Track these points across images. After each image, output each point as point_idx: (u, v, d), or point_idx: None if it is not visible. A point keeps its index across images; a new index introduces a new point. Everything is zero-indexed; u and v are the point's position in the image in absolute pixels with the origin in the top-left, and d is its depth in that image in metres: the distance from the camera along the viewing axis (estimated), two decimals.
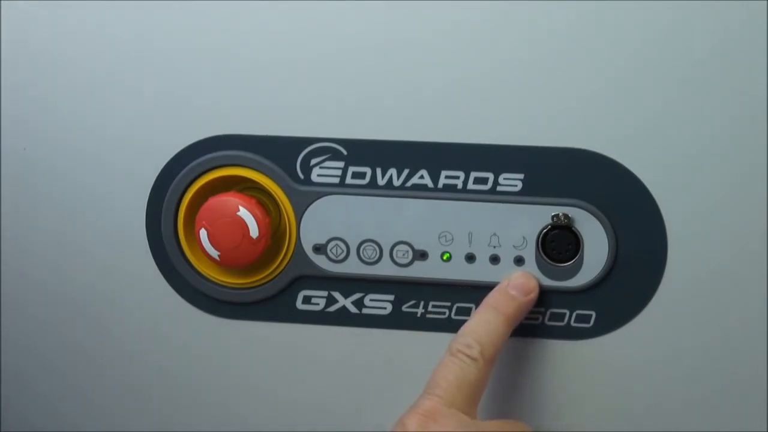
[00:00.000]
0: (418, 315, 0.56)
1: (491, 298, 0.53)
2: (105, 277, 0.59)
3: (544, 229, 0.54)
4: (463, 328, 0.52)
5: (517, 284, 0.53)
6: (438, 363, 0.51)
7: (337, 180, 0.55)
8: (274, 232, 0.56)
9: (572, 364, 0.55)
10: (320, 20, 0.53)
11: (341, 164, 0.54)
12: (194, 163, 0.56)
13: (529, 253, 0.54)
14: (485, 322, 0.51)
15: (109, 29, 0.55)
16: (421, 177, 0.54)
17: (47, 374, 0.62)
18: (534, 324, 0.55)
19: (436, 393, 0.49)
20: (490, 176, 0.53)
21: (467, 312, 0.55)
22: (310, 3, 0.52)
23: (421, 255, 0.55)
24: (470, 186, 0.54)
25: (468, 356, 0.50)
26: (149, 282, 0.58)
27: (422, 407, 0.48)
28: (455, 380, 0.49)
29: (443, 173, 0.54)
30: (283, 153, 0.55)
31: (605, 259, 0.53)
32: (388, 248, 0.55)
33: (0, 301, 0.61)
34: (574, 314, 0.55)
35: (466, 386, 0.49)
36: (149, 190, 0.57)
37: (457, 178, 0.54)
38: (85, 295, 0.60)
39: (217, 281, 0.58)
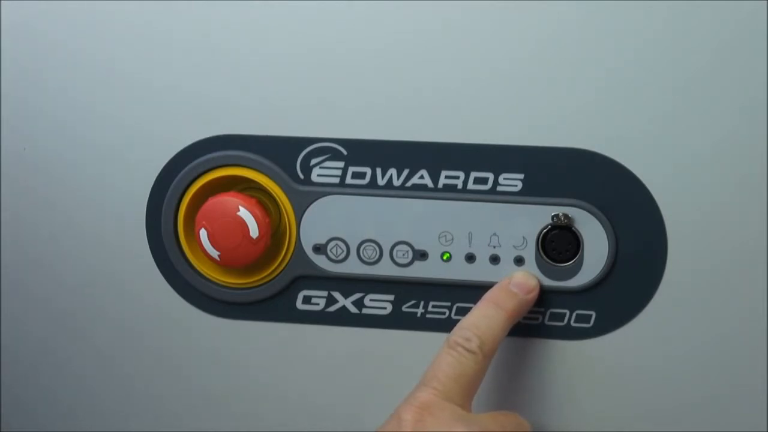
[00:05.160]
0: (418, 315, 0.56)
1: (492, 294, 0.53)
2: (105, 277, 0.59)
3: (544, 229, 0.54)
4: (462, 322, 0.52)
5: (518, 282, 0.53)
6: (436, 355, 0.51)
7: (337, 180, 0.55)
8: (274, 232, 0.56)
9: (572, 364, 0.55)
10: (321, 20, 0.53)
11: (341, 164, 0.54)
12: (194, 163, 0.56)
13: (529, 253, 0.54)
14: (485, 317, 0.52)
15: (108, 30, 0.55)
16: (421, 177, 0.54)
17: (47, 374, 0.62)
18: (534, 324, 0.55)
19: (433, 385, 0.49)
20: (490, 176, 0.53)
21: (467, 312, 0.55)
22: (310, 3, 0.52)
23: (421, 255, 0.55)
24: (470, 186, 0.54)
25: (466, 349, 0.50)
26: (149, 282, 0.58)
27: (418, 399, 0.48)
28: (452, 373, 0.49)
29: (443, 173, 0.54)
30: (283, 153, 0.55)
31: (605, 259, 0.53)
32: (388, 248, 0.55)
33: (0, 302, 0.61)
34: (574, 314, 0.55)
35: (462, 379, 0.49)
36: (149, 190, 0.57)
37: (457, 178, 0.54)
38: (85, 295, 0.60)
39: (217, 281, 0.58)
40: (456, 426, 0.47)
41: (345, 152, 0.54)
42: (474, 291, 0.55)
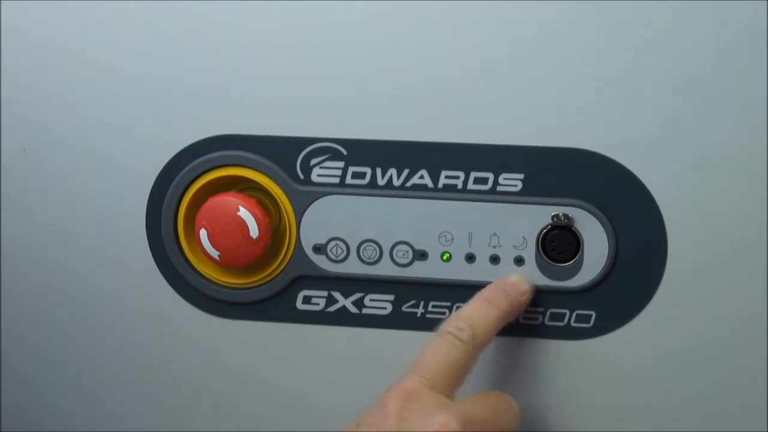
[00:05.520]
0: (418, 315, 0.56)
1: (486, 291, 0.53)
2: (105, 277, 0.59)
3: (544, 229, 0.54)
4: (456, 313, 0.52)
5: (512, 282, 0.54)
6: (426, 342, 0.50)
7: (337, 180, 0.55)
8: (274, 232, 0.56)
9: (572, 364, 0.55)
10: (320, 20, 0.53)
11: (341, 164, 0.54)
12: (194, 163, 0.56)
13: (529, 253, 0.54)
14: (478, 310, 0.52)
15: (108, 30, 0.55)
16: (421, 177, 0.54)
17: (47, 374, 0.62)
18: (534, 324, 0.55)
19: (420, 373, 0.49)
20: (490, 176, 0.53)
21: None
22: (310, 3, 0.52)
23: (421, 255, 0.55)
24: (470, 186, 0.54)
25: (457, 338, 0.50)
26: (149, 282, 0.58)
27: (404, 386, 0.48)
28: (441, 361, 0.49)
29: (443, 173, 0.54)
30: (283, 153, 0.55)
31: (605, 259, 0.53)
32: (388, 248, 0.55)
33: (0, 301, 0.61)
34: (574, 314, 0.55)
35: (451, 367, 0.49)
36: (149, 190, 0.57)
37: (457, 178, 0.54)
38: (85, 296, 0.60)
39: (217, 281, 0.58)
40: (440, 413, 0.47)
41: (345, 152, 0.54)
42: (474, 291, 0.54)
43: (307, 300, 0.57)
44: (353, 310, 0.57)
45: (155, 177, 0.57)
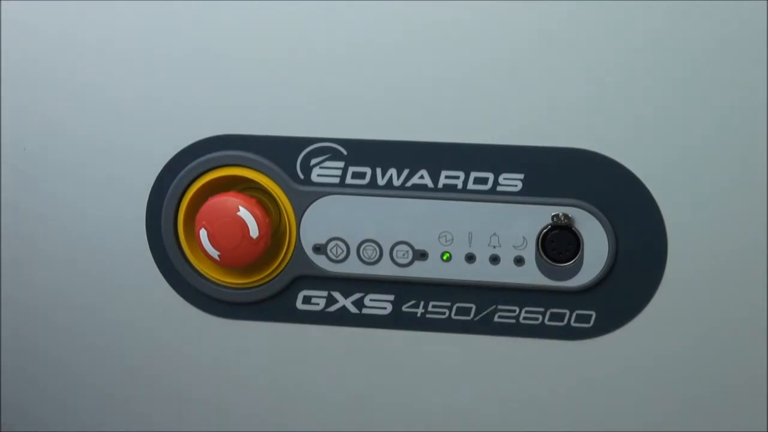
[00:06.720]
0: (418, 315, 0.56)
1: None
2: (105, 277, 0.59)
3: (544, 229, 0.54)
4: None
5: None
6: None
7: (337, 180, 0.55)
8: (274, 232, 0.56)
9: (572, 364, 0.55)
10: (320, 20, 0.53)
11: (341, 164, 0.55)
12: (194, 163, 0.56)
13: (529, 253, 0.54)
14: None
15: (108, 29, 0.55)
16: (421, 177, 0.54)
17: (47, 374, 0.62)
18: (534, 324, 0.55)
19: None
20: (490, 176, 0.53)
21: (467, 312, 0.55)
22: (309, 3, 0.52)
23: (421, 255, 0.55)
24: (470, 186, 0.54)
25: None
26: (149, 282, 0.58)
27: None
28: None
29: (443, 173, 0.54)
30: (283, 153, 0.55)
31: (605, 259, 0.53)
32: (388, 248, 0.55)
33: (0, 301, 0.61)
34: (574, 314, 0.55)
35: None
36: (149, 191, 0.57)
37: (457, 178, 0.54)
38: (85, 295, 0.60)
39: (217, 281, 0.58)
40: None
41: (345, 152, 0.54)
42: (474, 291, 0.55)
43: (307, 300, 0.57)
44: (353, 310, 0.57)
45: (155, 177, 0.57)
